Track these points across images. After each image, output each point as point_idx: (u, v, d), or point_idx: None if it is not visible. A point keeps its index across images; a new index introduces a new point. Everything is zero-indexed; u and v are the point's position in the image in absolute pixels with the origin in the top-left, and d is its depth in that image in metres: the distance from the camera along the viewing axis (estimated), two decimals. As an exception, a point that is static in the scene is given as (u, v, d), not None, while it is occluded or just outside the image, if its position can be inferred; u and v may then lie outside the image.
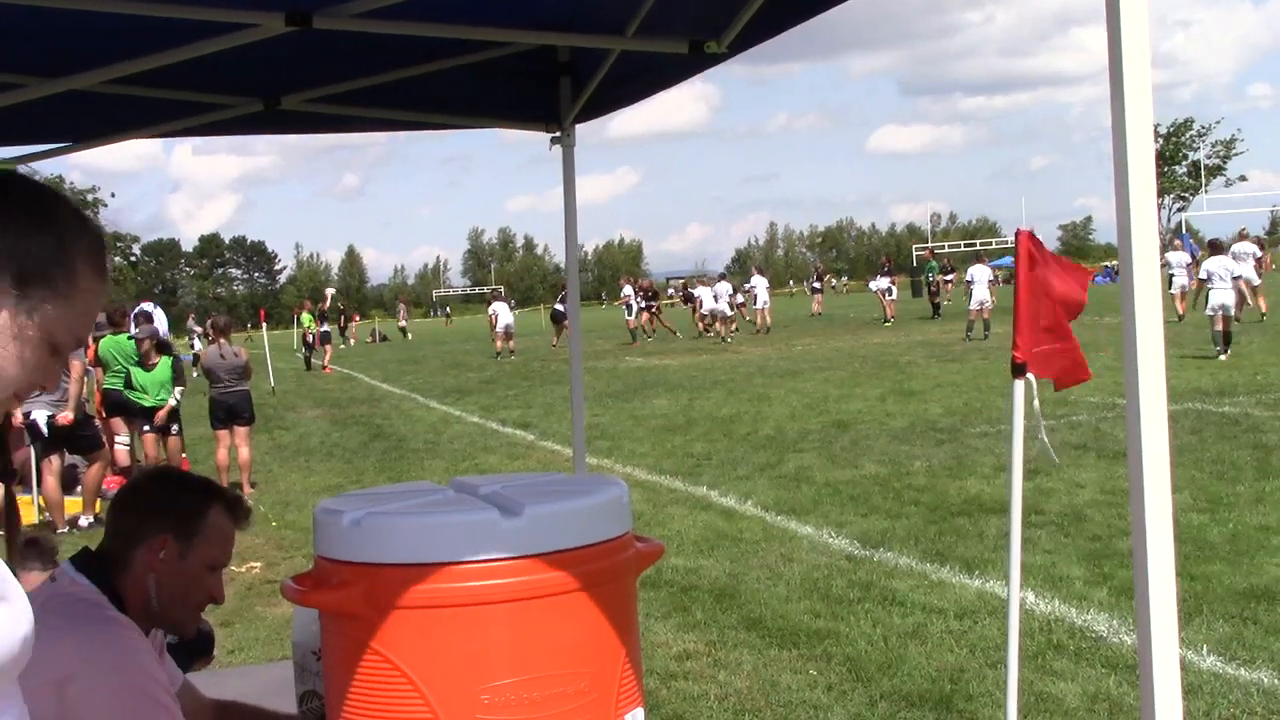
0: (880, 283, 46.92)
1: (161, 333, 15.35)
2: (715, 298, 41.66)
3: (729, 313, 41.09)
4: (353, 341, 62.17)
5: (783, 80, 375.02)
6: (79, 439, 12.22)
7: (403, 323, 75.77)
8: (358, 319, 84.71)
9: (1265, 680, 5.98)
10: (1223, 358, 20.41)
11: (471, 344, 48.74)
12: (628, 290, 45.94)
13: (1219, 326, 21.18)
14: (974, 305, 31.68)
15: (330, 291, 47.55)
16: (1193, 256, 65.29)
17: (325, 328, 44.02)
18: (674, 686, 6.39)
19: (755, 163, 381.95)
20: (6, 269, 1.60)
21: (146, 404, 13.63)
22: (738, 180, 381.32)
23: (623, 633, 2.66)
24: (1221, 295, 21.43)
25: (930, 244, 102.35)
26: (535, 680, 2.49)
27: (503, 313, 39.33)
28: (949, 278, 48.46)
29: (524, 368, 32.18)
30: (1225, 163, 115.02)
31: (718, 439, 15.59)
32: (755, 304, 42.52)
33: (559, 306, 41.29)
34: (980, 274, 32.47)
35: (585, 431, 5.24)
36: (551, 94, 4.95)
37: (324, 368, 39.60)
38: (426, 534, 2.53)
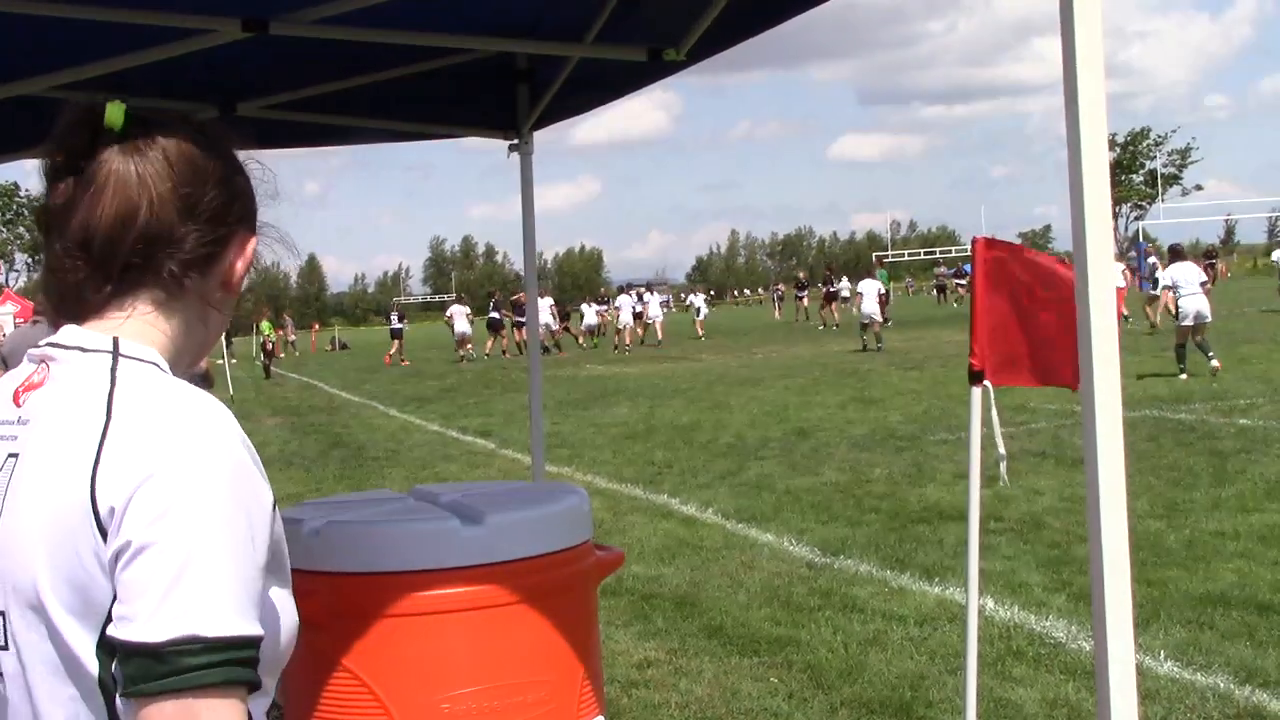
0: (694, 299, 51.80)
1: None
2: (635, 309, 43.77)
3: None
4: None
5: (744, 89, 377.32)
6: None
7: (292, 336, 59.07)
8: (317, 326, 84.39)
9: (1221, 684, 6.02)
10: (1215, 363, 19.02)
11: (432, 352, 48.63)
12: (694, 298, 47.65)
13: (1200, 338, 19.45)
14: (863, 319, 32.09)
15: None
16: (1144, 265, 65.72)
17: (402, 324, 44.45)
18: (635, 695, 6.38)
19: (716, 171, 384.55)
20: (240, 215, 1.63)
21: None
22: (699, 188, 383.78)
23: (583, 641, 2.66)
24: (1195, 301, 19.41)
25: (889, 252, 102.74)
26: (496, 689, 2.48)
27: (458, 320, 40.50)
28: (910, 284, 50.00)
29: (485, 376, 32.12)
30: (1181, 171, 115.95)
31: (678, 447, 15.59)
32: (618, 321, 44.01)
33: (494, 314, 41.83)
34: (868, 287, 32.97)
35: (545, 440, 5.24)
36: (509, 101, 4.95)
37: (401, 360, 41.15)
38: (387, 543, 2.52)
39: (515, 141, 5.09)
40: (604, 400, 22.62)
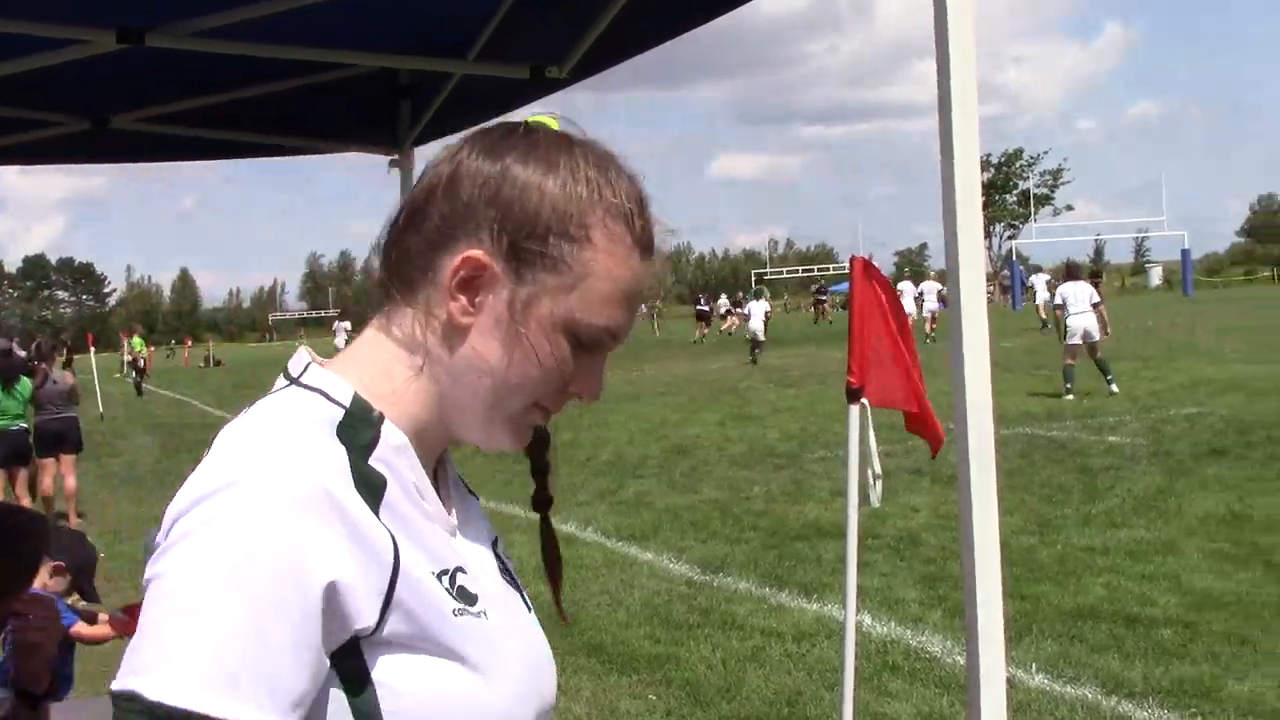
0: None
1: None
2: None
3: None
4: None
5: (627, 107, 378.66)
6: None
7: (128, 356, 46.23)
8: (190, 341, 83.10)
9: (1089, 696, 6.15)
10: (1114, 387, 19.26)
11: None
12: None
13: (1098, 355, 19.51)
14: (749, 334, 35.67)
15: None
16: (1022, 284, 66.91)
17: None
18: (514, 713, 6.34)
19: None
20: (493, 235, 1.30)
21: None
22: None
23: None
24: (1083, 320, 19.35)
25: (767, 269, 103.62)
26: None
27: (339, 335, 41.64)
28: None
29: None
30: (1053, 192, 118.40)
31: (557, 464, 15.55)
32: None
33: None
34: (756, 307, 36.47)
35: (425, 457, 5.19)
36: (391, 117, 4.91)
37: None
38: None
39: (396, 157, 5.05)
40: (484, 418, 22.51)
